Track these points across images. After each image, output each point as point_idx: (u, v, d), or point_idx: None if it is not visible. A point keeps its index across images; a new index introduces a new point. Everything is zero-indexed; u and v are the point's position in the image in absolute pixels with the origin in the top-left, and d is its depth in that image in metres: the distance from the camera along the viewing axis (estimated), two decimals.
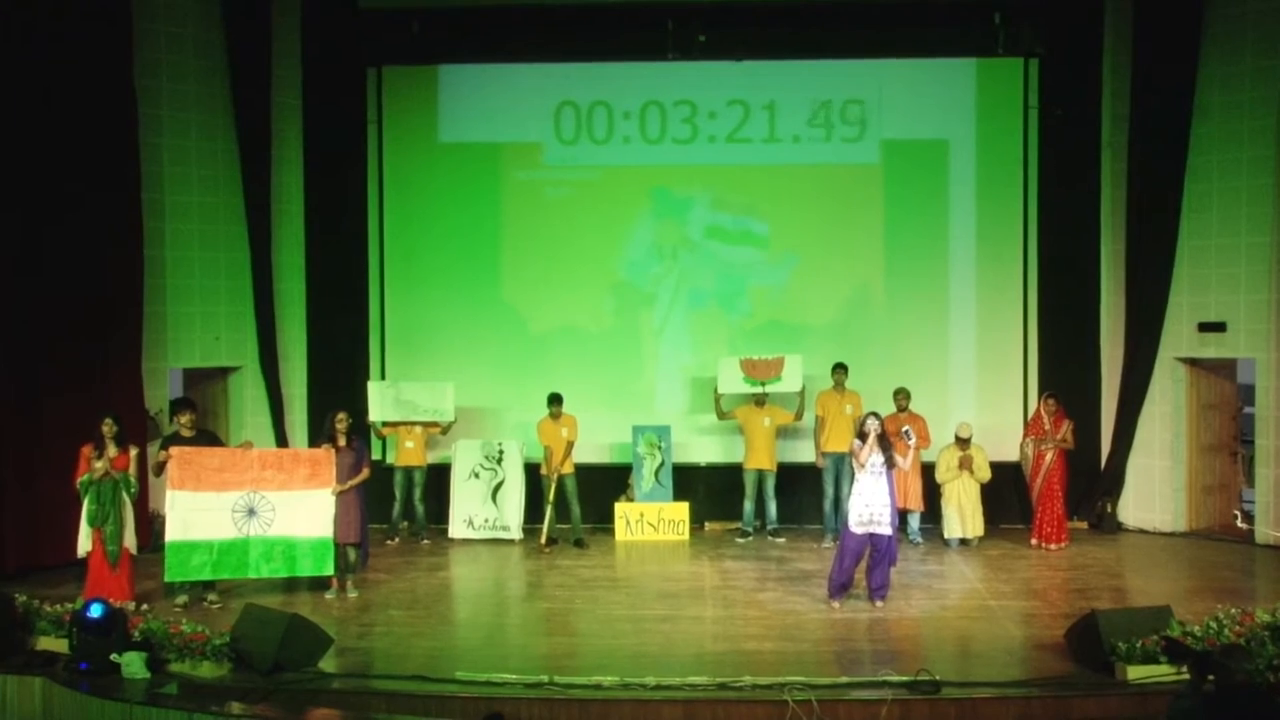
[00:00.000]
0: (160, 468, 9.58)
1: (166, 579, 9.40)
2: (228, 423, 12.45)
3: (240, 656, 7.71)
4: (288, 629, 7.71)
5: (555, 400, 11.77)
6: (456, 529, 12.12)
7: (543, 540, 11.60)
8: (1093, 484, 12.59)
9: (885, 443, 9.29)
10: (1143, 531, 12.37)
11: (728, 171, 12.75)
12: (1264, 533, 11.57)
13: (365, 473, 9.94)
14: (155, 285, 11.59)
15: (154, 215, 11.62)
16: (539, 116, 12.71)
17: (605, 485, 12.42)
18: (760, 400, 12.05)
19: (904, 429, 9.64)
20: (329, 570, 9.70)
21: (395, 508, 12.05)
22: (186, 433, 9.67)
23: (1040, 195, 12.64)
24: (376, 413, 12.07)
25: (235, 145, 12.13)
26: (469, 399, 12.49)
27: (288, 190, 12.69)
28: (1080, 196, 12.58)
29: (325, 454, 9.73)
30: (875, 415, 9.41)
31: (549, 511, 11.68)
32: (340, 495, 9.71)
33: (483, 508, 12.11)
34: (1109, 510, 12.47)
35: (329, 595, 9.75)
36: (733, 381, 12.05)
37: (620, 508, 12.22)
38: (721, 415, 12.21)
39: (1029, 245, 12.71)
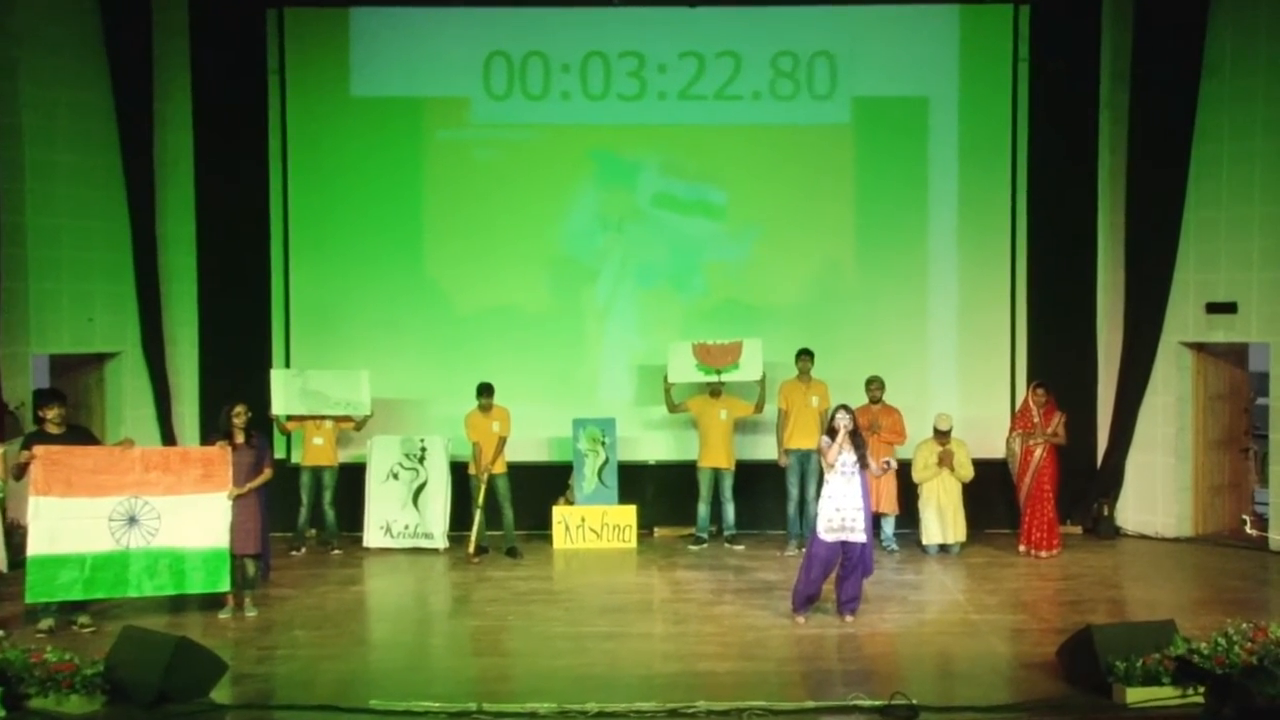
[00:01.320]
0: (21, 470, 9.29)
1: (28, 600, 9.19)
2: (104, 417, 12.27)
3: (117, 688, 7.54)
4: (174, 654, 7.58)
5: (485, 391, 11.71)
6: (372, 537, 12.09)
7: (471, 549, 11.56)
8: (1088, 484, 12.68)
9: (857, 439, 9.30)
10: (1143, 537, 12.46)
11: (680, 132, 12.75)
12: (1278, 539, 11.71)
13: (266, 473, 9.86)
14: (15, 256, 11.34)
15: (11, 174, 11.34)
16: (466, 68, 12.64)
17: (542, 486, 12.44)
18: (716, 390, 12.07)
19: (885, 460, 9.67)
20: (224, 586, 9.60)
21: (302, 513, 12.01)
22: (54, 429, 9.47)
23: (1031, 160, 12.72)
24: (280, 405, 12.00)
25: (111, 98, 11.94)
26: (387, 389, 12.44)
27: (174, 150, 12.55)
28: (1075, 162, 12.68)
29: (220, 452, 9.64)
30: (845, 408, 9.40)
31: (478, 516, 11.64)
32: (237, 500, 9.61)
33: (403, 513, 12.08)
34: (1106, 513, 12.55)
35: (223, 615, 9.65)
36: (685, 369, 12.07)
37: (559, 511, 12.25)
38: (673, 407, 12.22)
39: (1017, 216, 12.78)
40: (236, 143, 12.63)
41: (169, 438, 12.32)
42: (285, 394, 11.97)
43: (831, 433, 9.30)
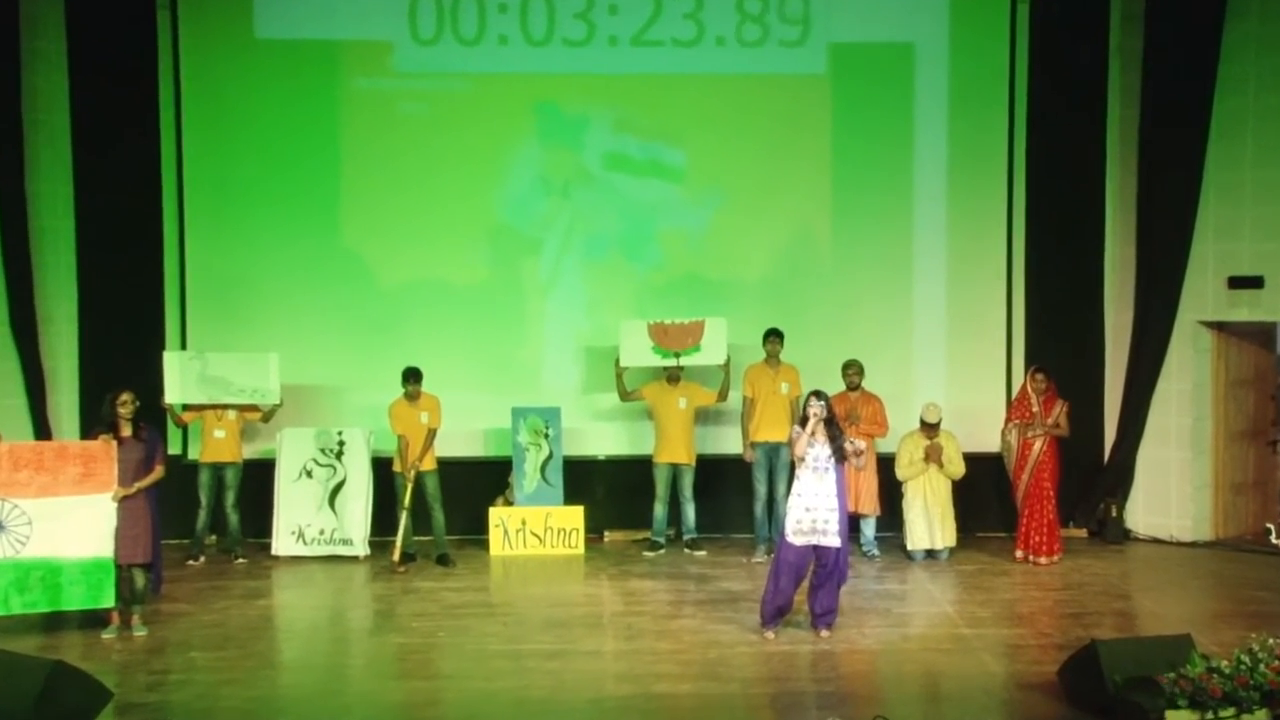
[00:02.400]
0: None
1: None
2: None
3: None
4: (48, 681, 7.48)
5: (412, 377, 11.73)
6: (282, 544, 12.07)
7: (396, 556, 11.57)
8: (1093, 481, 12.75)
9: (833, 429, 9.30)
10: (1156, 541, 12.54)
11: (634, 83, 12.76)
12: None
13: (158, 471, 9.82)
14: None
15: None
16: (388, 7, 12.58)
17: (477, 485, 12.48)
18: (674, 376, 12.11)
19: (854, 445, 9.49)
20: (107, 602, 9.53)
21: (200, 517, 11.98)
22: None
23: (1030, 116, 12.76)
24: (175, 393, 11.96)
25: None
26: (299, 375, 12.40)
27: (47, 96, 12.37)
28: (1081, 118, 12.74)
29: (103, 447, 9.56)
30: (819, 395, 9.37)
31: (404, 519, 11.64)
32: (123, 502, 9.55)
33: (317, 516, 12.08)
34: (1113, 514, 12.60)
35: (107, 635, 9.57)
36: (639, 352, 12.10)
37: (496, 513, 12.26)
38: (625, 395, 12.28)
39: (1015, 180, 12.82)
40: (122, 90, 12.46)
41: (43, 431, 12.20)
42: (181, 380, 11.89)
43: (803, 422, 9.31)
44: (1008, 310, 12.87)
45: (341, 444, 12.12)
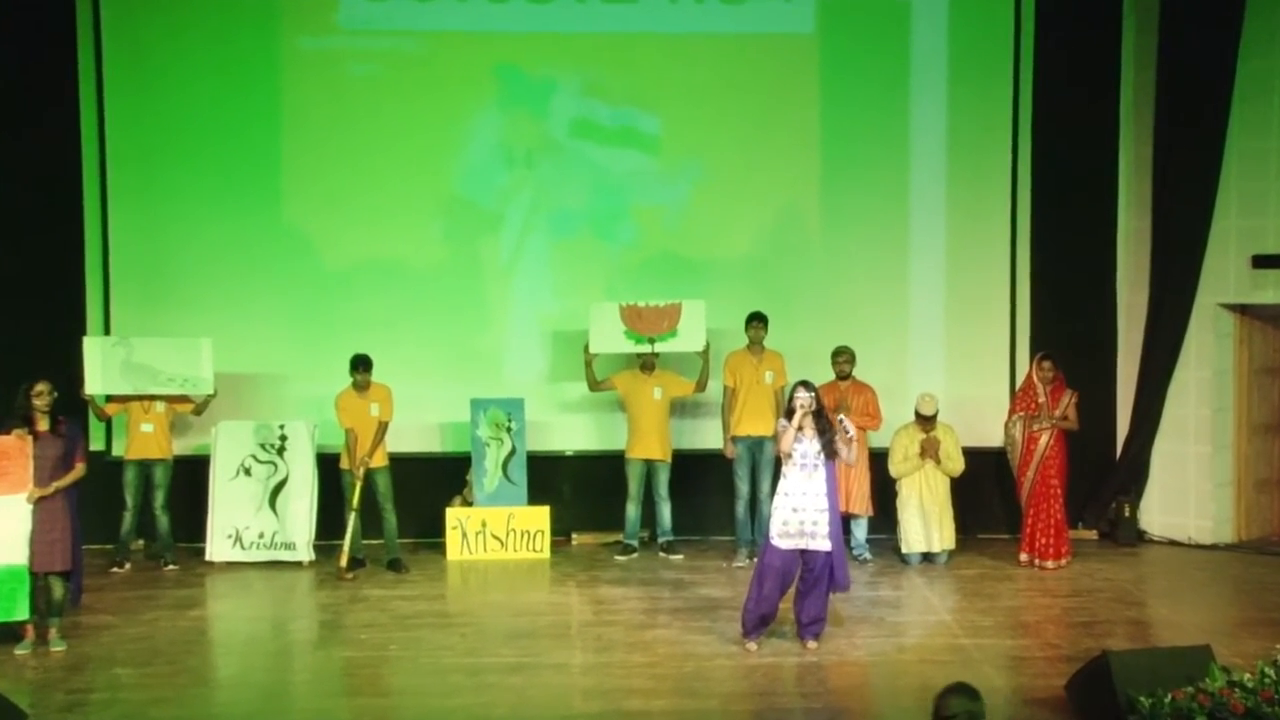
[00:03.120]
0: None
1: None
2: None
3: None
4: None
5: (361, 364, 11.74)
6: (218, 548, 12.06)
7: (343, 562, 11.57)
8: (1104, 478, 12.80)
9: (822, 423, 9.29)
10: (1173, 543, 12.59)
11: (604, 42, 12.79)
12: None
13: (79, 469, 9.77)
14: None
15: None
16: None
17: (433, 483, 12.51)
18: (649, 364, 12.17)
19: (839, 417, 9.60)
20: (21, 614, 9.46)
21: (126, 519, 11.95)
22: None
23: (1037, 79, 12.80)
24: (96, 382, 11.91)
25: None
26: (235, 362, 12.40)
27: None
28: (1092, 81, 12.78)
29: (17, 443, 9.49)
30: (806, 385, 9.35)
31: (352, 521, 11.65)
32: (39, 503, 9.50)
33: (257, 518, 12.09)
34: (1127, 514, 12.66)
35: (21, 650, 9.49)
36: (611, 338, 12.12)
37: (454, 514, 12.26)
38: (595, 385, 12.30)
39: (1019, 151, 12.88)
40: (34, 48, 12.42)
41: None
42: (103, 369, 11.84)
43: (789, 414, 9.29)
44: (1011, 292, 12.92)
45: (283, 438, 12.11)
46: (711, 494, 12.43)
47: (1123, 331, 12.86)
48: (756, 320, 11.96)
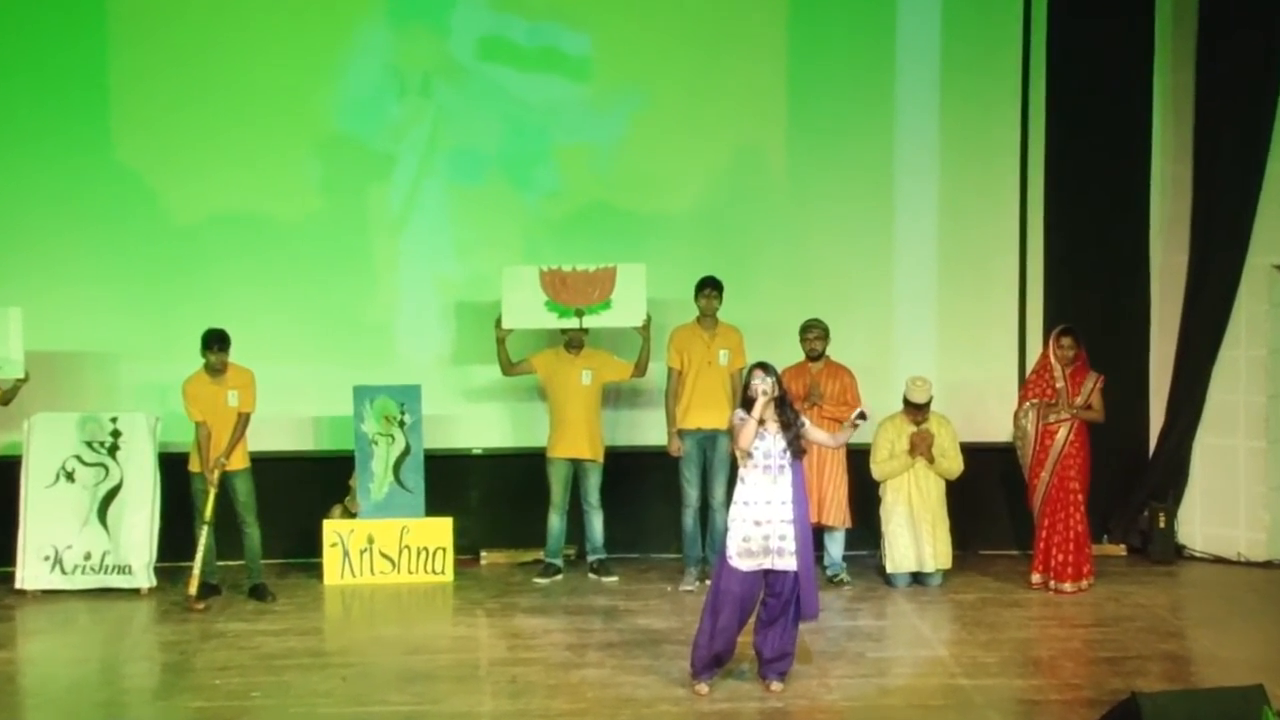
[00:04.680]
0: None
1: None
2: None
3: None
4: None
5: (215, 343, 11.65)
6: (32, 573, 11.98)
7: (193, 589, 11.49)
8: (1136, 480, 12.90)
9: (787, 414, 9.18)
10: (1219, 560, 12.70)
11: None
12: None
13: None
14: None
15: None
16: None
17: (307, 490, 12.59)
18: (576, 342, 12.17)
19: (857, 412, 9.50)
20: None
21: None
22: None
23: None
24: None
25: None
26: (54, 338, 12.38)
27: None
28: None
29: None
30: (766, 369, 9.21)
31: (204, 537, 11.60)
32: None
33: (82, 534, 11.99)
34: (1162, 524, 12.72)
35: None
36: (529, 309, 12.10)
37: (333, 528, 12.25)
38: (510, 368, 12.30)
39: (1031, 80, 12.97)
40: None
41: None
42: None
43: (747, 405, 9.14)
44: (1021, 253, 13.01)
45: (115, 435, 12.06)
46: (653, 502, 12.55)
47: (1157, 301, 12.97)
48: (709, 287, 11.91)
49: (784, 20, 12.84)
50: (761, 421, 9.08)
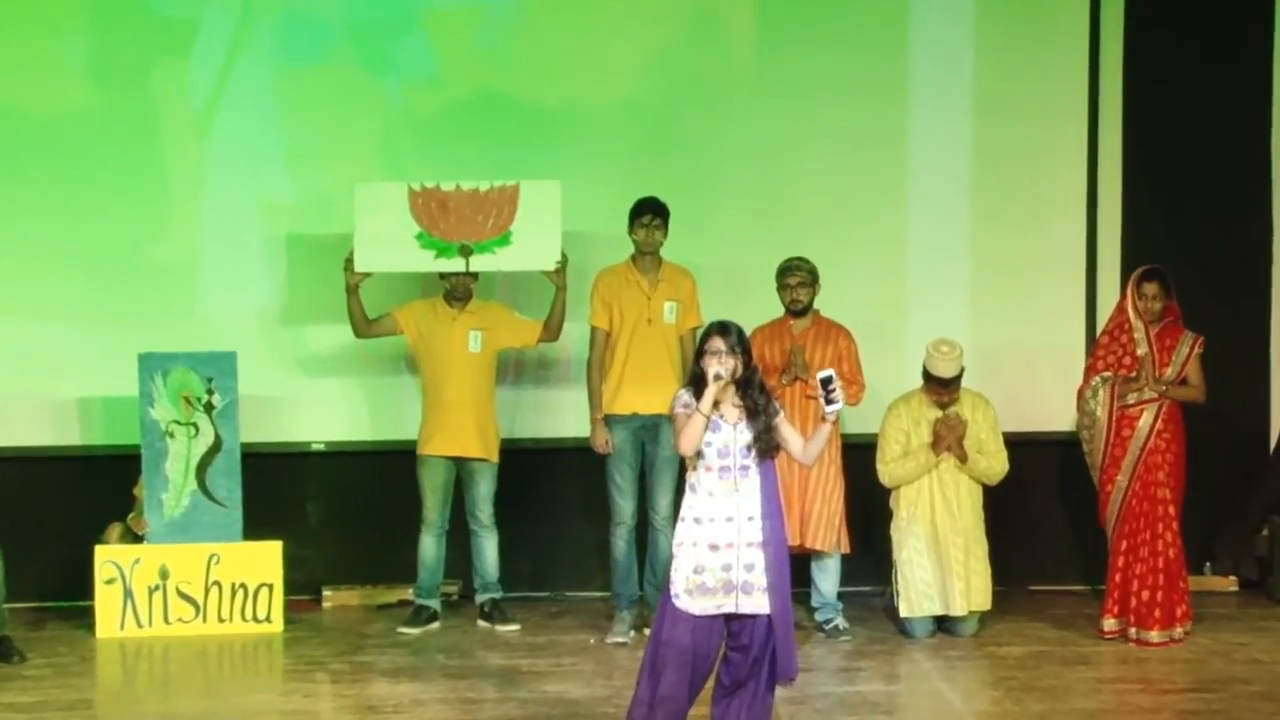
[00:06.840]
0: None
1: None
2: None
3: None
4: None
5: None
6: None
7: None
8: (1251, 487, 12.97)
9: (754, 396, 8.64)
10: None
11: None
12: None
13: None
14: None
15: None
16: None
17: (70, 502, 12.51)
18: (460, 291, 12.03)
19: (826, 374, 8.97)
20: None
21: None
22: None
23: None
24: None
25: None
26: None
27: None
28: None
29: None
30: (725, 330, 8.72)
31: None
32: None
33: None
34: None
35: None
36: (393, 246, 11.97)
37: (110, 557, 11.97)
38: (365, 328, 12.15)
39: None
40: None
41: None
42: None
43: (696, 382, 8.56)
44: (1090, 167, 12.97)
45: None
46: (570, 517, 12.68)
47: (1279, 246, 13.14)
48: (648, 214, 11.69)
49: None
50: (717, 406, 8.47)
